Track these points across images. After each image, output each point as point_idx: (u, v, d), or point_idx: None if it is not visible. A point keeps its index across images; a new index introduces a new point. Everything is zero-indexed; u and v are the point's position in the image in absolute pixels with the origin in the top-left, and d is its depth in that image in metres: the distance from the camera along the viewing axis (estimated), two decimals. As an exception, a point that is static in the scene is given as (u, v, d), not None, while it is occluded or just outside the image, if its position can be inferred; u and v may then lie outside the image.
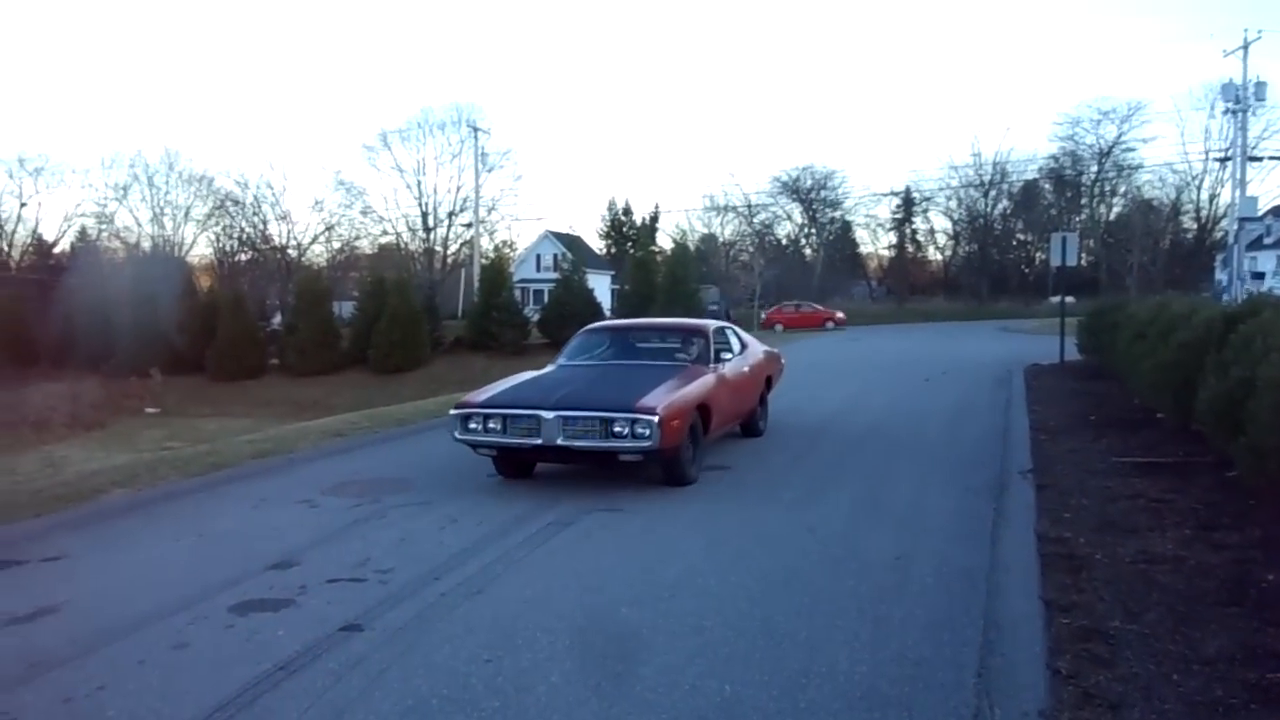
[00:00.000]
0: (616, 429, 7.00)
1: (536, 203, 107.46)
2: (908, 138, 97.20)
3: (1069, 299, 57.96)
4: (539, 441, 7.16)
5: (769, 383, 10.67)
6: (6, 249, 55.25)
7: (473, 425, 7.45)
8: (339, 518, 6.79)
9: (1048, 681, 3.86)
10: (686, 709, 3.63)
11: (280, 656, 4.21)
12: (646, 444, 6.91)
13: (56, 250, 56.77)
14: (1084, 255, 67.57)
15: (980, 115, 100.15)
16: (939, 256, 72.81)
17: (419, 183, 54.62)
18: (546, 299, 44.68)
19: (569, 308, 34.87)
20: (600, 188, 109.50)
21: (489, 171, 49.40)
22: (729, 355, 9.15)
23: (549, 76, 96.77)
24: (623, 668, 4.01)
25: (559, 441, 7.09)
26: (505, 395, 7.72)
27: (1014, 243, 69.35)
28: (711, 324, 9.72)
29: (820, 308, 47.36)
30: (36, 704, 3.79)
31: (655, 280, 36.14)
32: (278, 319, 42.87)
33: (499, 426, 7.36)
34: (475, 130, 46.18)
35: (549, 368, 9.04)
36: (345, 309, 41.26)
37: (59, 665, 4.17)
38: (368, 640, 4.39)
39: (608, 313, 40.15)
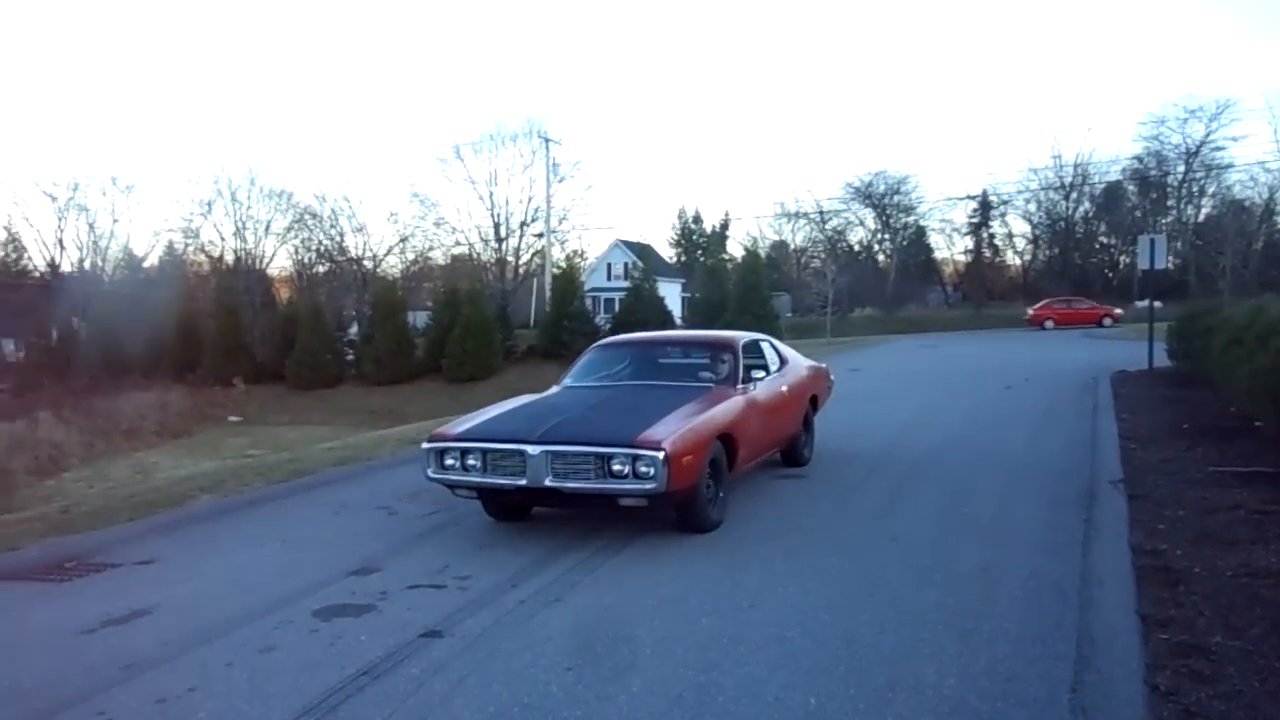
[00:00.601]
0: (615, 467, 5.79)
1: (607, 212, 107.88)
2: (984, 140, 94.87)
3: (1157, 304, 56.20)
4: (523, 482, 5.96)
5: (814, 403, 9.34)
6: (101, 264, 57.37)
7: (449, 462, 6.29)
8: (417, 524, 6.87)
9: (1146, 698, 3.72)
10: (770, 721, 3.56)
11: (363, 661, 4.25)
12: (650, 485, 5.70)
13: (146, 264, 58.84)
14: (1171, 258, 65.63)
15: (1060, 115, 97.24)
16: (1017, 261, 71.20)
17: (491, 194, 55.24)
18: (617, 308, 44.85)
19: (639, 316, 34.89)
20: (670, 196, 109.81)
21: (560, 182, 49.75)
22: (761, 374, 7.75)
23: (619, 86, 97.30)
24: (704, 678, 3.96)
25: (546, 482, 5.89)
26: (486, 426, 6.52)
27: (1096, 246, 67.46)
28: (742, 337, 8.36)
29: (1094, 303, 46.71)
30: (131, 704, 3.88)
31: (727, 288, 35.95)
32: (354, 329, 43.73)
33: (478, 463, 6.18)
34: (546, 141, 46.61)
35: (552, 390, 7.86)
36: (419, 319, 41.91)
37: (152, 666, 4.28)
38: (448, 646, 4.41)
39: (679, 321, 40.13)
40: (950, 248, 71.26)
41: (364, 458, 10.06)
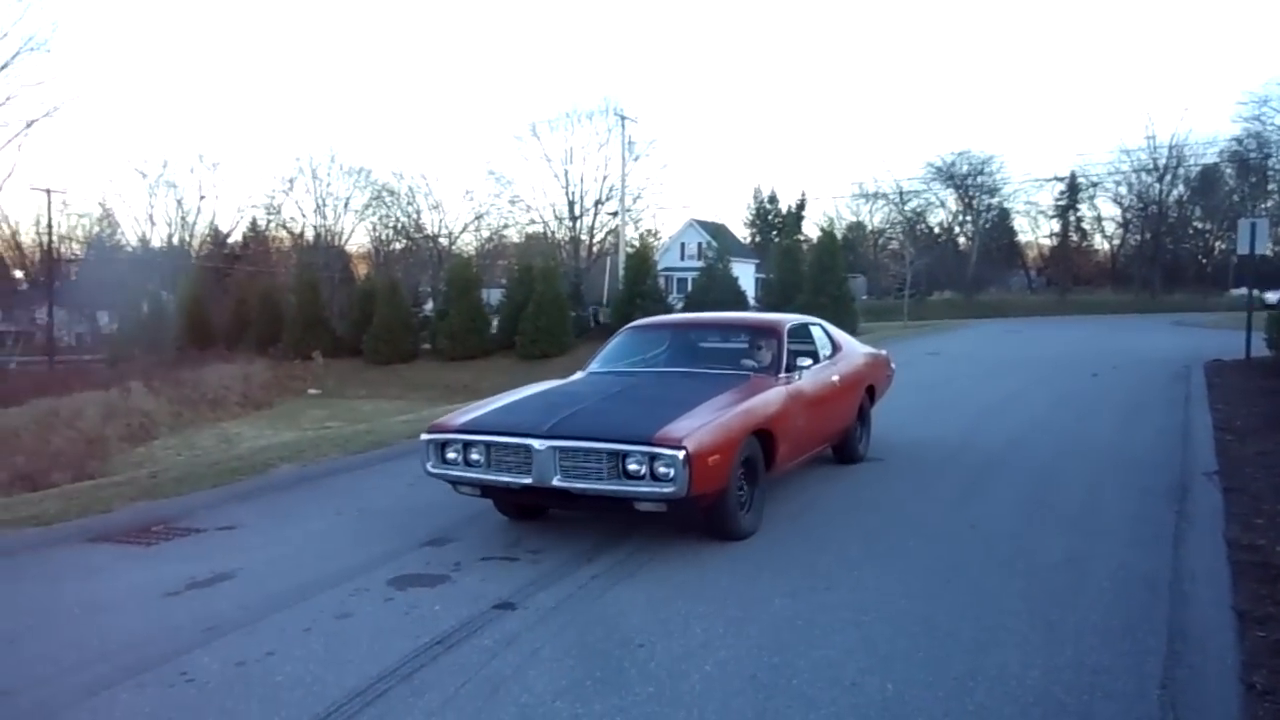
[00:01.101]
0: (630, 467, 5.11)
1: (681, 192, 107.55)
2: (1073, 120, 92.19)
3: (1257, 292, 53.99)
4: (529, 481, 5.32)
5: (871, 394, 8.48)
6: (188, 239, 59.16)
7: (450, 455, 5.67)
8: (491, 498, 6.92)
9: (1241, 697, 3.56)
10: (848, 706, 3.48)
11: (437, 631, 4.28)
12: (669, 489, 4.99)
13: (230, 240, 60.50)
14: (1272, 244, 62.92)
15: (1155, 95, 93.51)
16: (1105, 246, 69.06)
17: (565, 172, 55.38)
18: (689, 287, 44.68)
19: (713, 296, 34.72)
20: (745, 176, 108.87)
21: (635, 160, 49.54)
22: (808, 362, 7.00)
23: (695, 64, 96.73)
24: (778, 659, 3.89)
25: (554, 482, 5.24)
26: (490, 417, 5.84)
27: (1190, 231, 65.05)
28: (789, 320, 7.52)
29: None
30: (212, 666, 3.96)
31: (801, 269, 35.53)
32: (429, 305, 44.39)
33: (481, 458, 5.55)
34: (623, 118, 46.41)
35: (575, 375, 7.17)
36: (493, 296, 42.34)
37: (233, 629, 4.36)
38: (521, 619, 4.42)
39: (752, 302, 39.83)
40: (1035, 231, 69.47)
41: (439, 431, 10.17)
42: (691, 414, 5.41)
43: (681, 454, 4.98)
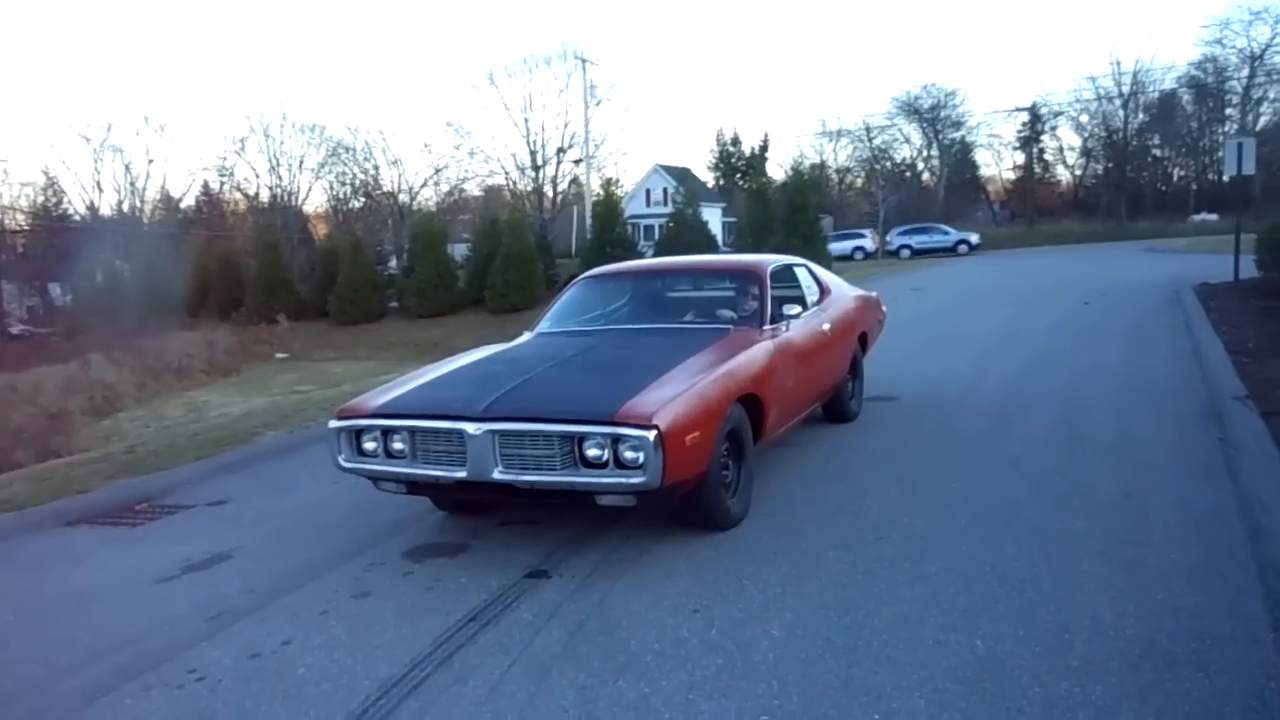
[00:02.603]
0: (589, 452, 4.09)
1: (644, 137, 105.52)
2: (1035, 50, 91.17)
3: (1212, 216, 53.84)
4: (463, 475, 4.26)
5: (863, 342, 7.45)
6: (139, 205, 57.46)
7: (368, 445, 4.60)
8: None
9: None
10: (941, 669, 3.15)
11: (469, 606, 3.89)
12: (640, 479, 4.00)
13: (183, 205, 58.88)
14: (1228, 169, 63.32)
15: (1118, 21, 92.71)
16: (1067, 176, 69.19)
17: (526, 120, 54.29)
18: (657, 234, 44.06)
19: (683, 241, 34.22)
20: (708, 119, 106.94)
21: (597, 105, 48.50)
22: (797, 309, 5.84)
23: (653, 5, 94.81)
24: (849, 619, 3.56)
25: (495, 475, 4.18)
26: (415, 395, 4.77)
27: (1149, 159, 65.28)
28: (771, 261, 6.34)
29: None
30: (223, 660, 3.55)
31: (771, 210, 35.04)
32: (393, 263, 43.51)
33: (405, 448, 4.48)
34: (584, 62, 45.44)
35: (521, 338, 6.11)
36: (457, 251, 41.53)
37: (240, 617, 3.95)
38: (558, 588, 4.04)
39: (723, 246, 39.38)
40: (998, 164, 69.42)
41: (426, 390, 9.72)
42: (662, 382, 4.41)
43: (652, 434, 3.96)
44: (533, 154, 53.86)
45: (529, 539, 4.72)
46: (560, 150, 52.34)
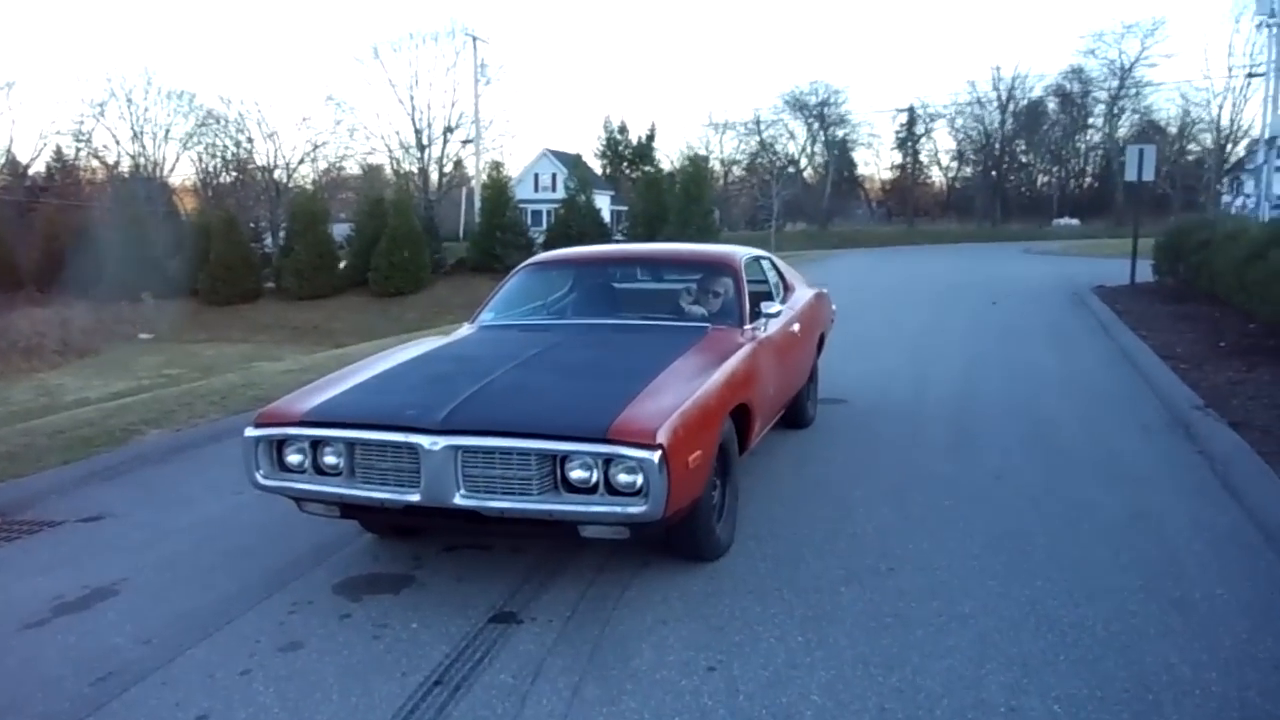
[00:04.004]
0: (574, 474, 3.43)
1: (532, 122, 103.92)
2: (918, 53, 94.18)
3: (1073, 221, 56.24)
4: (415, 498, 3.52)
5: (820, 343, 6.91)
6: (-20, 168, 53.03)
7: (292, 458, 3.80)
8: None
9: None
10: (1033, 750, 2.63)
11: (430, 663, 3.18)
12: (639, 508, 3.34)
13: (31, 171, 54.58)
14: (1092, 177, 66.48)
15: (1000, 28, 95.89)
16: (941, 178, 71.35)
17: (411, 98, 52.66)
18: (545, 221, 43.15)
19: (575, 229, 33.51)
20: (595, 106, 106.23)
21: (486, 84, 47.31)
22: (774, 307, 5.20)
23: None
24: (897, 679, 3.01)
25: (456, 500, 3.47)
26: (353, 398, 3.97)
27: (1016, 165, 67.92)
28: (741, 253, 5.76)
29: None
30: (121, 744, 2.76)
31: (665, 200, 34.63)
32: (268, 241, 41.35)
33: (340, 462, 3.69)
34: (474, 39, 44.08)
35: (461, 331, 5.34)
36: (336, 232, 39.72)
37: (137, 679, 3.13)
38: (534, 637, 3.36)
39: (616, 235, 38.79)
40: (877, 163, 71.05)
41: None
42: (652, 390, 3.74)
43: (656, 455, 3.29)
44: (418, 133, 52.24)
45: (484, 570, 4.02)
46: (448, 129, 50.91)
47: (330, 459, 3.72)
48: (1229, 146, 52.71)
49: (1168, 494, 4.90)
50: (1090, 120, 63.69)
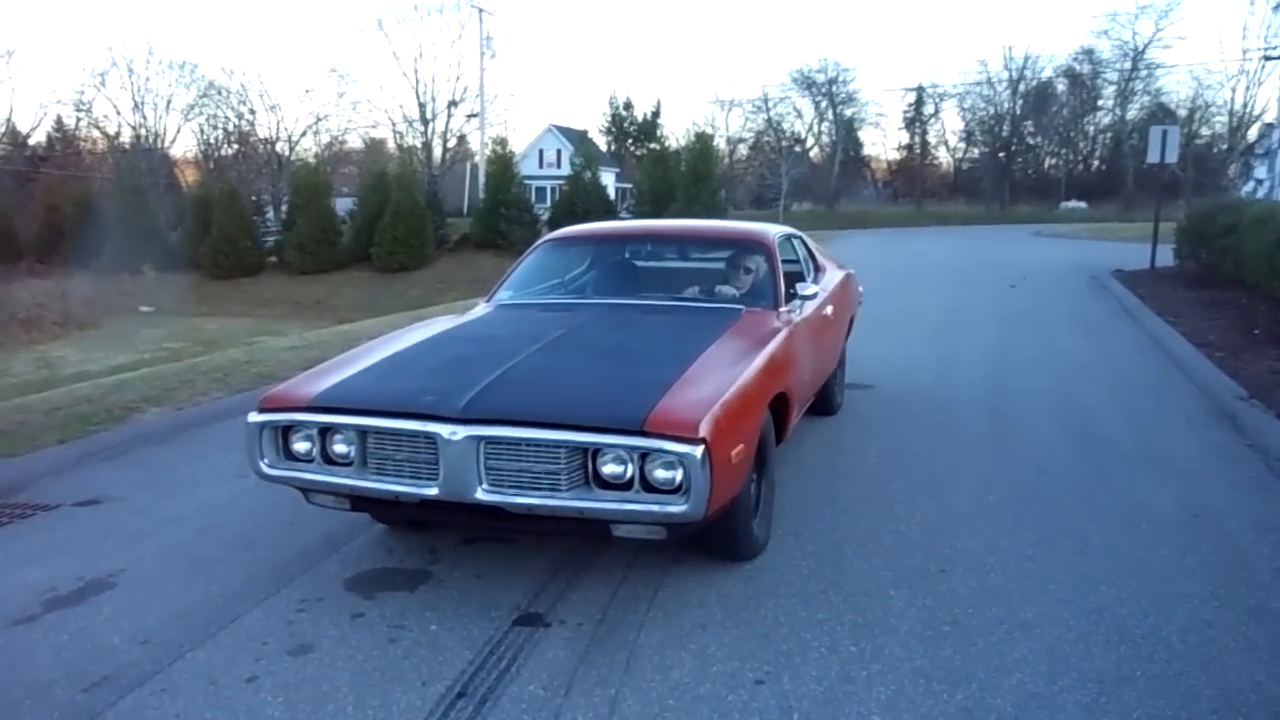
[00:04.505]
0: (606, 468, 3.14)
1: (537, 97, 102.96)
2: (927, 32, 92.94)
3: (1081, 204, 55.77)
4: (434, 492, 3.22)
5: (849, 327, 6.62)
6: (-20, 137, 52.54)
7: (299, 446, 3.50)
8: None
9: None
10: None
11: (452, 671, 2.93)
12: (679, 507, 3.04)
13: (32, 141, 54.08)
14: (1100, 160, 65.93)
15: (1011, 10, 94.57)
16: (948, 159, 70.74)
17: (416, 70, 52.13)
18: (550, 197, 42.73)
19: (580, 206, 33.12)
20: (601, 82, 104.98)
21: (492, 57, 46.63)
22: (812, 289, 5.01)
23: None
24: (963, 696, 2.75)
25: (478, 495, 3.17)
26: (366, 383, 3.65)
27: (1024, 146, 67.28)
28: (774, 231, 5.40)
29: None
30: (116, 762, 2.50)
31: (672, 177, 34.17)
32: (270, 215, 41.00)
33: (351, 451, 3.40)
34: (480, 11, 43.45)
35: (478, 310, 4.97)
36: (339, 206, 39.36)
37: (134, 686, 2.88)
38: (564, 642, 3.11)
39: (622, 212, 38.41)
40: (884, 143, 70.43)
41: (331, 359, 8.53)
42: (689, 377, 3.45)
43: (699, 449, 3.00)
44: (422, 107, 51.80)
45: (506, 565, 3.76)
46: (452, 103, 50.41)
47: (340, 448, 3.43)
48: (1240, 131, 52.07)
49: (1224, 491, 4.64)
50: (1100, 103, 63.06)
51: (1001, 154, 63.93)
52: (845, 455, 5.28)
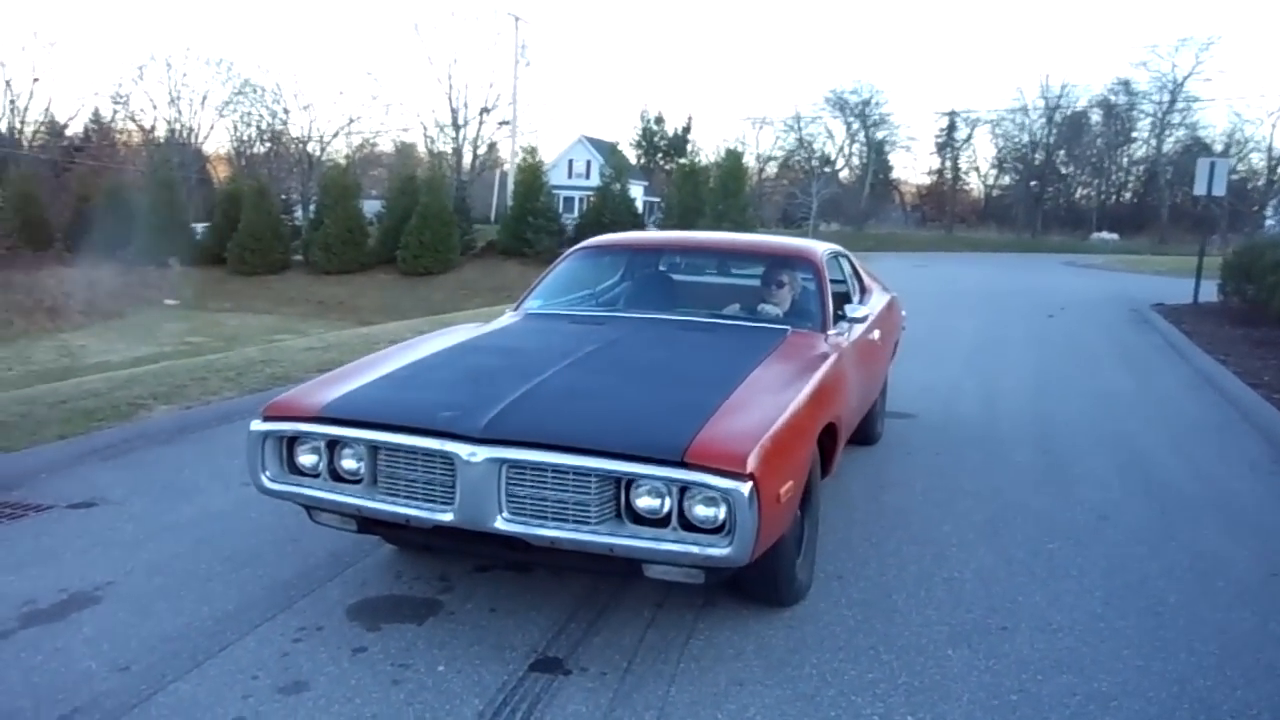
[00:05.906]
0: (641, 501, 2.82)
1: (567, 108, 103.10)
2: (962, 58, 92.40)
3: (1112, 235, 55.03)
4: (448, 517, 2.92)
5: (893, 351, 6.32)
6: (19, 127, 52.94)
7: (305, 459, 3.20)
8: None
9: None
10: None
11: (460, 718, 2.62)
12: (723, 550, 2.72)
13: (69, 132, 54.50)
14: (1133, 193, 65.18)
15: (1051, 36, 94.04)
16: (979, 185, 70.13)
17: (449, 76, 52.22)
18: (578, 208, 42.54)
19: (607, 218, 32.87)
20: (632, 96, 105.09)
21: (526, 66, 46.64)
22: (862, 311, 4.63)
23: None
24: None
25: (497, 524, 2.87)
26: (379, 394, 3.34)
27: (1056, 175, 66.60)
28: (822, 248, 5.04)
29: None
30: (75, 817, 2.20)
31: (702, 193, 33.89)
32: (299, 214, 41.04)
33: (360, 467, 3.10)
34: (517, 19, 43.49)
35: (505, 319, 4.68)
36: (367, 209, 39.35)
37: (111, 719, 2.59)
38: (588, 694, 2.79)
39: (649, 226, 38.16)
40: (914, 165, 69.95)
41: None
42: (734, 403, 3.13)
43: (747, 486, 2.69)
44: (454, 112, 51.75)
45: (523, 598, 3.44)
46: (484, 110, 50.33)
47: (349, 463, 3.12)
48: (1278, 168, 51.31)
49: (1303, 548, 4.27)
50: (1134, 134, 62.37)
51: (1033, 182, 63.25)
52: (889, 491, 4.94)
